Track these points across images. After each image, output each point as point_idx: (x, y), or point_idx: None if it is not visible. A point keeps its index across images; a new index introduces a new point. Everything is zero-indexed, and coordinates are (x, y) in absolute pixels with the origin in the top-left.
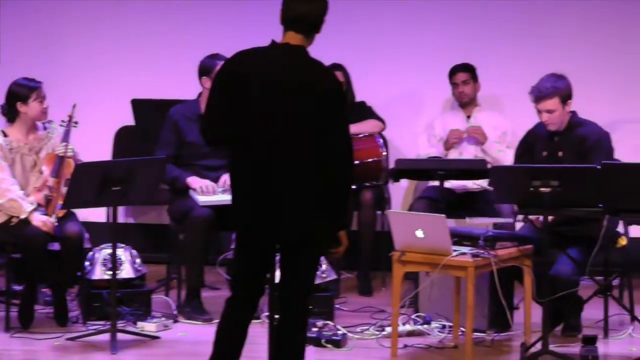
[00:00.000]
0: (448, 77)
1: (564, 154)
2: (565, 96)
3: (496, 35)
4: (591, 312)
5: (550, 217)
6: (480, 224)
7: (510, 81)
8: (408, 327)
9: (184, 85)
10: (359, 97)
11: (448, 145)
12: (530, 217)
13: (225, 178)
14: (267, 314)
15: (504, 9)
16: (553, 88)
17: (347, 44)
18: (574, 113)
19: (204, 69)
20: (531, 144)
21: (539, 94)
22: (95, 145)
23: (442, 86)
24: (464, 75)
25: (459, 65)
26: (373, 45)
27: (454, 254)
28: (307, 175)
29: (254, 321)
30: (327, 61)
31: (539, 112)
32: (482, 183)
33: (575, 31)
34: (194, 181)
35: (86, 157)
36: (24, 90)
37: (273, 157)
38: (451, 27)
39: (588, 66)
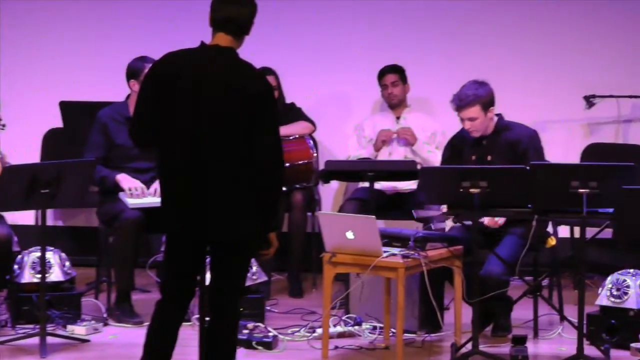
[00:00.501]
0: (377, 79)
1: (493, 157)
2: (487, 103)
3: (425, 36)
4: (521, 312)
5: (501, 220)
6: None
7: (440, 82)
8: (339, 329)
9: (112, 88)
10: (288, 99)
11: (378, 146)
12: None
13: (156, 187)
14: (197, 316)
15: (432, 10)
16: (474, 96)
17: (276, 46)
18: (500, 116)
19: (132, 72)
20: (459, 148)
21: (459, 103)
22: (23, 147)
23: (372, 87)
24: (392, 77)
25: (388, 67)
26: (302, 46)
27: (384, 255)
28: (237, 177)
29: (184, 324)
30: (256, 63)
31: (462, 119)
32: (412, 185)
33: (502, 33)
34: (123, 179)
35: (14, 159)
36: None
37: (202, 159)
38: (380, 28)
39: (516, 68)
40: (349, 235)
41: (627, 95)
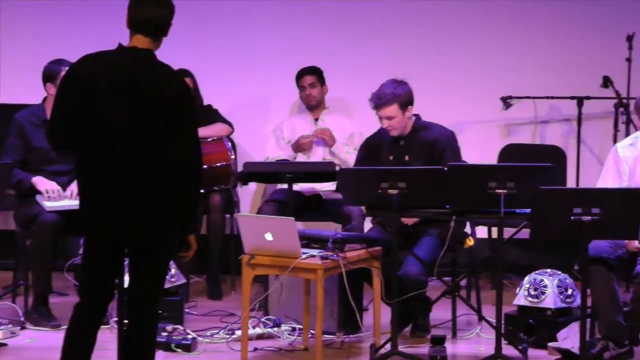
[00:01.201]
0: (295, 80)
1: (410, 157)
2: (405, 102)
3: (342, 37)
4: (439, 313)
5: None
6: None
7: (358, 84)
8: (258, 330)
9: (28, 90)
10: (205, 101)
11: (297, 148)
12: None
13: (73, 188)
14: (116, 319)
15: (349, 11)
16: (392, 95)
17: (193, 48)
18: (417, 116)
19: (49, 75)
20: (376, 147)
21: (378, 101)
22: None
23: (290, 89)
24: (310, 78)
25: (306, 69)
26: (219, 48)
27: (303, 256)
28: (155, 179)
29: (103, 326)
30: (173, 65)
31: (380, 118)
32: (330, 186)
33: (420, 33)
34: (39, 182)
35: None
36: None
37: (119, 160)
38: (297, 29)
39: (433, 69)
40: (268, 236)
41: (543, 96)
